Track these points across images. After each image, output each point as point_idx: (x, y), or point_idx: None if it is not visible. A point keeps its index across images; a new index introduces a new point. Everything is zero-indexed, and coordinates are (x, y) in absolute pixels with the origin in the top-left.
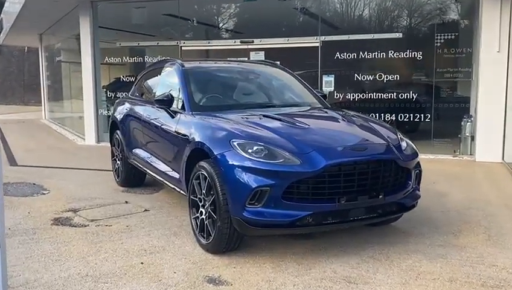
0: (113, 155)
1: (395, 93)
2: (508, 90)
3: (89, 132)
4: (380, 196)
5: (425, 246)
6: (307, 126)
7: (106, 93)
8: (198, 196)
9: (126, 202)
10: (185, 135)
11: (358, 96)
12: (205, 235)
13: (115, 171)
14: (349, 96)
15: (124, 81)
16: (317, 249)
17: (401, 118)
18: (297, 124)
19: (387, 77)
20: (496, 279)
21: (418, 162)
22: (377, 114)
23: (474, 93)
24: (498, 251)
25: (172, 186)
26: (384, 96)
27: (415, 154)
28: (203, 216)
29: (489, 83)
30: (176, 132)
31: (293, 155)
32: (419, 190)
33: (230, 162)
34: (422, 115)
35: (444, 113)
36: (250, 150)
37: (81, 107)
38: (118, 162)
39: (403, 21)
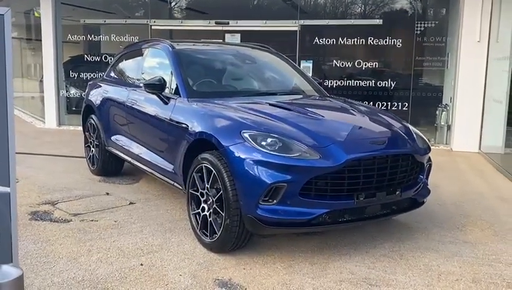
0: (86, 142)
1: (373, 81)
2: (486, 79)
3: (50, 115)
4: (397, 192)
5: (436, 242)
6: (320, 117)
7: (67, 73)
8: (200, 191)
9: (107, 194)
10: (182, 124)
11: (336, 82)
12: (209, 233)
13: (89, 159)
14: (327, 82)
15: (88, 60)
16: (325, 247)
17: (378, 106)
18: (309, 114)
19: (365, 64)
20: None
21: (429, 156)
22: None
23: (448, 82)
24: (510, 248)
25: (164, 178)
26: (362, 83)
27: (428, 148)
28: (206, 212)
29: (468, 72)
30: (170, 119)
31: (310, 148)
32: (428, 185)
33: (242, 156)
34: (400, 103)
35: (421, 101)
36: (263, 143)
37: (33, 87)
38: (92, 149)
39: (384, 7)
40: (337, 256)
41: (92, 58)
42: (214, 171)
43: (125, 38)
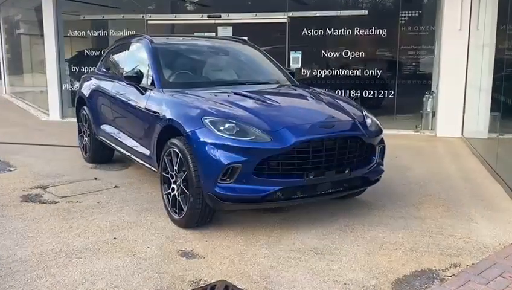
0: (79, 131)
1: (360, 70)
2: (468, 67)
3: (53, 107)
4: (346, 171)
5: (388, 218)
6: (277, 104)
7: (70, 67)
8: (170, 173)
9: (95, 179)
10: (155, 112)
11: (324, 72)
12: (177, 211)
13: (82, 147)
14: (316, 72)
15: (89, 55)
16: (287, 222)
17: (365, 94)
18: (268, 101)
19: (352, 54)
20: (454, 248)
21: (382, 139)
22: (343, 90)
23: (436, 70)
24: (456, 222)
25: (142, 162)
26: (350, 72)
27: (379, 131)
28: (175, 192)
29: (450, 59)
30: (146, 108)
31: (263, 132)
32: (382, 165)
33: (202, 140)
34: (386, 91)
35: (407, 89)
36: (222, 128)
37: (42, 81)
38: (85, 138)
39: None
40: (294, 229)
41: (92, 53)
42: (180, 154)
43: (124, 33)
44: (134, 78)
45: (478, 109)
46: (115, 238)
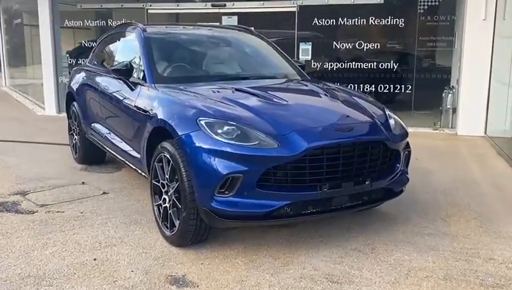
0: (70, 129)
1: (375, 63)
2: (493, 60)
3: (49, 101)
4: (367, 182)
5: (414, 235)
6: (285, 102)
7: (69, 59)
8: (161, 181)
9: (83, 183)
10: (145, 111)
11: (336, 65)
12: (169, 226)
13: (73, 147)
14: (327, 65)
15: (87, 47)
16: (294, 240)
17: (380, 89)
18: (275, 99)
19: (367, 45)
20: (495, 276)
21: (407, 143)
22: (356, 84)
23: (456, 64)
24: (493, 241)
25: (134, 167)
26: (363, 65)
27: (405, 134)
28: (167, 204)
29: (473, 52)
30: (135, 106)
31: (269, 137)
32: (407, 173)
33: (196, 145)
34: (402, 85)
35: (425, 84)
36: (220, 131)
37: (42, 74)
38: (75, 137)
39: None
40: (304, 250)
41: (91, 45)
42: (171, 161)
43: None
44: (124, 72)
45: (506, 106)
46: (95, 259)
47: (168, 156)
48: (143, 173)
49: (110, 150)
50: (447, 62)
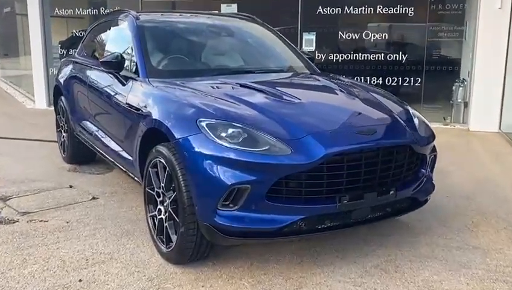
0: (58, 126)
1: (382, 54)
2: (508, 51)
3: (39, 94)
4: (391, 192)
5: (440, 248)
6: (297, 100)
7: (60, 50)
8: (156, 189)
9: (70, 187)
10: (138, 109)
11: (342, 57)
12: (165, 241)
13: (61, 145)
14: (332, 57)
15: (80, 36)
16: (306, 255)
17: (388, 81)
18: (285, 97)
19: (374, 36)
20: None
21: (434, 146)
22: (362, 77)
23: (466, 55)
24: None
25: (125, 170)
26: (371, 57)
27: (432, 136)
28: (162, 216)
29: (488, 43)
30: (127, 103)
31: (281, 141)
32: (432, 179)
33: (196, 150)
34: (412, 78)
35: (436, 76)
36: (223, 134)
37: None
38: (63, 134)
39: None
40: (319, 268)
41: (82, 34)
42: (168, 167)
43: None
44: (114, 65)
45: None
46: (80, 280)
47: (163, 161)
48: (136, 178)
49: (100, 150)
50: (457, 53)
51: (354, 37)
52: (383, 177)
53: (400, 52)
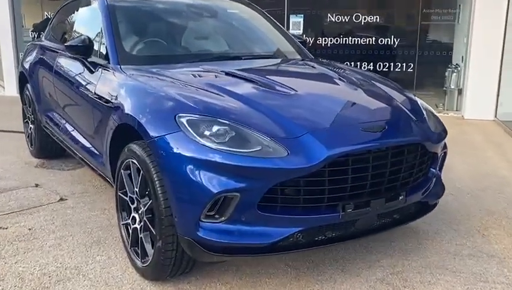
0: (24, 116)
1: (373, 38)
2: (506, 35)
3: (9, 81)
4: (401, 197)
5: (451, 256)
6: (292, 92)
7: (34, 33)
8: (129, 195)
9: (36, 185)
10: (108, 101)
11: (331, 40)
12: (140, 254)
13: (28, 137)
14: (321, 40)
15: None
16: (302, 266)
17: (379, 66)
18: (278, 87)
19: (365, 18)
20: None
21: (445, 142)
22: (352, 62)
23: (459, 39)
24: None
25: (96, 169)
26: (361, 41)
27: (445, 132)
28: (137, 225)
29: (484, 27)
30: (96, 94)
31: (275, 141)
32: (441, 179)
33: (175, 151)
34: (404, 63)
35: (428, 62)
36: (207, 132)
37: None
38: (30, 125)
39: None
40: (318, 283)
41: None
42: (142, 170)
43: None
44: (81, 50)
45: None
46: None
47: (137, 163)
48: (108, 178)
49: (68, 145)
50: (450, 38)
51: (343, 20)
52: (391, 181)
53: (392, 36)
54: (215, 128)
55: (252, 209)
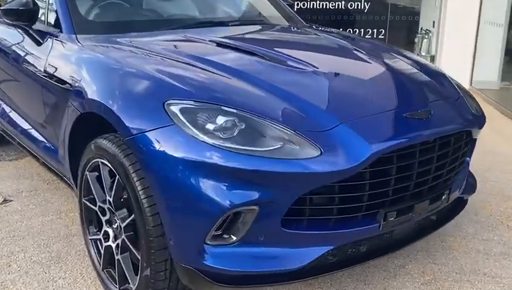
0: None
1: (342, 2)
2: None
3: None
4: (444, 196)
5: (483, 257)
6: (309, 68)
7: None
8: (99, 204)
9: None
10: (63, 82)
11: (297, 4)
12: (117, 278)
13: None
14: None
15: None
16: (317, 281)
17: (349, 33)
18: (291, 62)
19: None
20: None
21: None
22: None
23: (429, 3)
24: None
25: (50, 165)
26: (330, 5)
27: (483, 114)
28: (112, 243)
29: None
30: (45, 72)
31: (300, 135)
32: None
33: (168, 152)
34: (375, 29)
35: (400, 27)
36: (210, 125)
37: None
38: None
39: None
40: None
41: None
42: (119, 176)
43: None
44: (22, 14)
45: (500, 51)
46: None
47: (109, 165)
48: (66, 178)
49: (13, 136)
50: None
51: None
52: (435, 178)
53: (363, 0)
54: (220, 119)
55: (273, 225)
